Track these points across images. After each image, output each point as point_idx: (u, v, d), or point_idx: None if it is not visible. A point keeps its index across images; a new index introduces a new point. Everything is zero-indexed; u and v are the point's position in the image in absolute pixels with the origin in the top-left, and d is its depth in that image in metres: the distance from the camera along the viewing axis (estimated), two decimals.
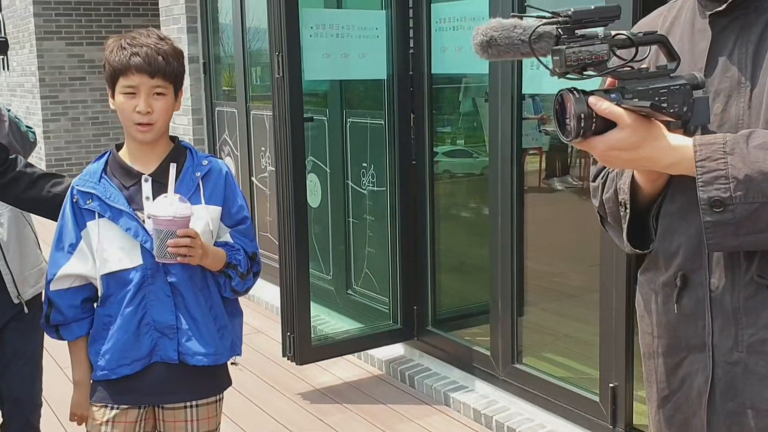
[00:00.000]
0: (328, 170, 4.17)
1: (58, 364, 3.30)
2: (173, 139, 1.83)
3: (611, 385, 2.76)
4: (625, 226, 1.28)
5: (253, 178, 4.97)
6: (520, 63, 3.02)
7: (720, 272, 1.18)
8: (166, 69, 1.71)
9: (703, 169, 1.09)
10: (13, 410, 2.29)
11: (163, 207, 1.67)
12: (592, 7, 1.13)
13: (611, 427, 2.79)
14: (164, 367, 1.78)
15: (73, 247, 1.77)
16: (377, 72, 3.70)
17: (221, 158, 3.02)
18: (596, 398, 2.85)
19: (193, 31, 5.12)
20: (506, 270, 3.14)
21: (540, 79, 2.99)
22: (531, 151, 3.70)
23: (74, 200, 1.76)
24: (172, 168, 1.71)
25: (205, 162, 1.82)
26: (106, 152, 1.84)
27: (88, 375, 1.82)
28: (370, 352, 3.78)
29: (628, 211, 1.26)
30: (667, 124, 1.14)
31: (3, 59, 9.65)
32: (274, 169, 3.82)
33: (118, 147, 1.83)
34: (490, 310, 3.24)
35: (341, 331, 3.91)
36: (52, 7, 8.57)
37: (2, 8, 9.82)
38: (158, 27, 5.38)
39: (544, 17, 1.16)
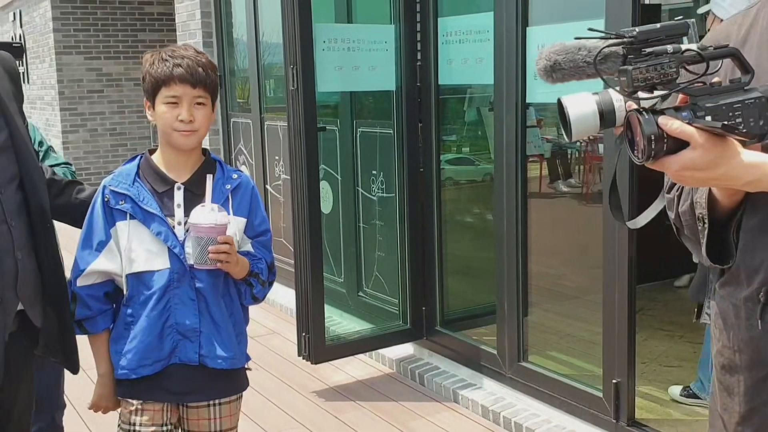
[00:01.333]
0: (339, 178, 4.21)
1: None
2: (204, 152, 1.86)
3: (614, 381, 2.78)
4: (703, 242, 1.20)
5: (268, 186, 5.02)
6: (524, 73, 3.06)
7: None
8: (206, 80, 1.74)
9: None
10: (39, 411, 2.30)
11: (204, 215, 1.68)
12: (658, 25, 1.09)
13: (614, 421, 2.81)
14: (184, 369, 1.79)
15: (102, 245, 1.77)
16: (386, 83, 3.73)
17: (237, 167, 3.08)
18: (600, 394, 2.86)
19: (209, 46, 5.18)
20: (512, 272, 3.17)
21: (543, 88, 3.03)
22: (533, 158, 3.76)
23: (105, 199, 1.76)
24: (209, 179, 1.73)
25: (234, 176, 1.85)
26: (137, 156, 1.85)
27: (111, 368, 1.82)
28: (382, 351, 3.82)
29: (706, 225, 1.18)
30: (743, 141, 1.08)
31: (23, 73, 9.75)
32: (288, 177, 3.87)
33: (151, 152, 1.84)
34: (496, 311, 3.27)
35: (353, 332, 3.94)
36: (70, 22, 8.67)
37: (23, 24, 9.93)
38: (175, 41, 5.48)
39: (608, 38, 1.11)
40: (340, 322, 4.11)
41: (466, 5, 3.53)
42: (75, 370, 1.81)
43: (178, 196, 1.78)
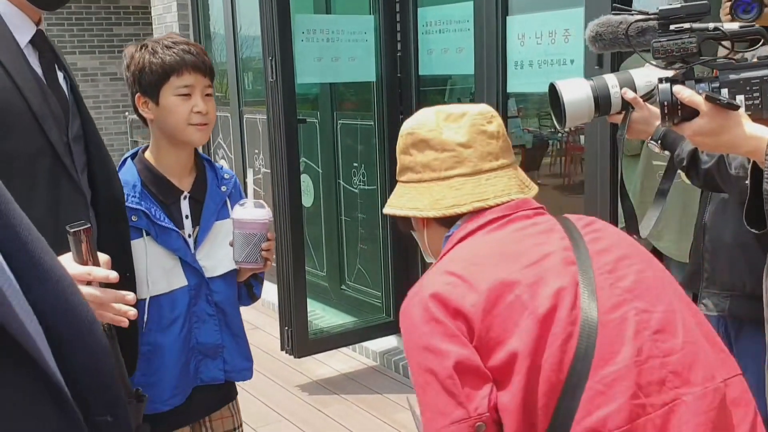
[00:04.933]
0: (320, 170, 4.15)
1: None
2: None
3: None
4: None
5: (248, 180, 4.93)
6: (504, 62, 3.02)
7: None
8: (212, 70, 1.60)
9: None
10: None
11: (255, 211, 1.54)
12: (679, 5, 1.20)
13: None
14: (205, 389, 1.65)
15: None
16: (366, 74, 3.69)
17: (216, 161, 3.01)
18: None
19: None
20: None
21: (524, 78, 3.00)
22: (514, 150, 3.72)
23: None
24: (250, 173, 1.62)
25: (226, 176, 1.71)
26: (127, 158, 1.63)
27: None
28: (365, 344, 3.77)
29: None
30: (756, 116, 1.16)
31: None
32: (268, 170, 3.80)
33: (135, 155, 1.64)
34: None
35: (336, 325, 3.90)
36: (45, 17, 8.49)
37: None
38: (151, 35, 5.33)
39: (635, 14, 1.25)
40: (323, 316, 4.05)
41: None
42: (134, 367, 1.57)
43: (185, 206, 1.61)
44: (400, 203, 1.19)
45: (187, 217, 1.61)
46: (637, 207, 1.71)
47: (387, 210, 1.22)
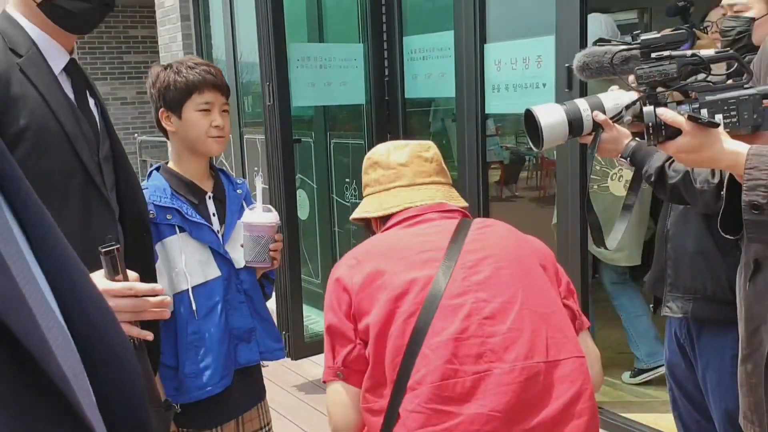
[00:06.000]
0: (315, 186, 4.21)
1: None
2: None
3: None
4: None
5: (257, 187, 4.99)
6: (482, 86, 3.10)
7: None
8: (228, 90, 1.68)
9: (749, 176, 1.11)
10: None
11: (263, 215, 1.61)
12: (659, 35, 1.22)
13: None
14: (238, 375, 1.68)
15: None
16: (357, 98, 3.75)
17: None
18: None
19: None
20: None
21: (501, 100, 3.08)
22: (493, 165, 3.80)
23: (150, 216, 1.58)
24: (259, 181, 1.68)
25: (239, 181, 1.79)
26: (152, 171, 1.72)
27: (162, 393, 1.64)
28: None
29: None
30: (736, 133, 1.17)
31: None
32: (266, 186, 3.87)
33: (159, 168, 1.72)
34: None
35: None
36: None
37: None
38: (158, 62, 5.44)
39: (620, 44, 1.27)
40: (317, 321, 4.09)
41: (428, 24, 3.57)
42: (156, 367, 1.57)
43: (211, 205, 1.70)
44: (360, 210, 1.46)
45: (214, 215, 1.68)
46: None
47: (352, 216, 1.47)
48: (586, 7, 2.62)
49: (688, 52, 1.20)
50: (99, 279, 1.12)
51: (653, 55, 1.20)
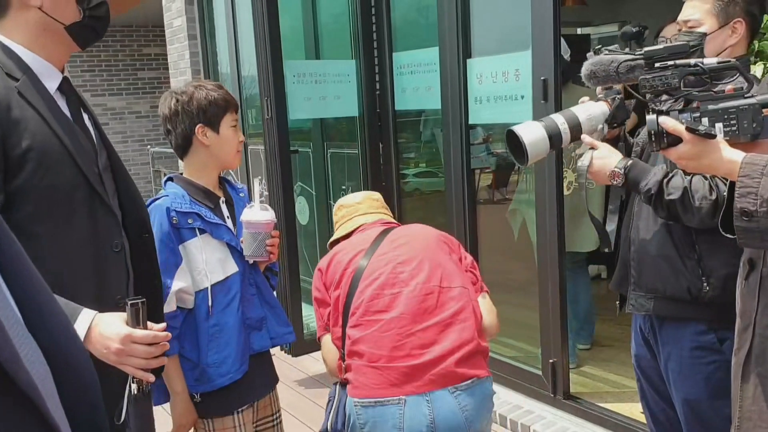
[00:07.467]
0: (314, 193, 4.23)
1: None
2: None
3: (551, 361, 2.82)
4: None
5: (254, 188, 5.01)
6: (466, 98, 3.11)
7: None
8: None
9: (741, 184, 1.10)
10: None
11: (260, 213, 1.66)
12: (662, 46, 1.22)
13: (552, 395, 2.85)
14: (253, 361, 1.73)
15: (176, 266, 1.62)
16: (350, 110, 3.77)
17: None
18: (539, 372, 2.90)
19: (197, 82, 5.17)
20: None
21: (483, 111, 3.09)
22: (485, 171, 3.81)
23: (173, 221, 1.63)
24: (256, 183, 1.72)
25: (240, 186, 1.85)
26: (167, 180, 1.76)
27: (185, 385, 1.67)
28: None
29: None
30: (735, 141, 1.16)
31: None
32: (268, 193, 3.88)
33: (171, 178, 1.76)
34: None
35: None
36: (77, 64, 8.60)
37: None
38: (168, 78, 5.46)
39: (625, 54, 1.27)
40: None
41: (415, 41, 3.58)
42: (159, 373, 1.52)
43: (224, 208, 1.76)
44: (334, 236, 1.95)
45: (228, 217, 1.75)
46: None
47: (329, 242, 1.95)
48: (559, 25, 2.63)
49: (692, 61, 1.18)
50: (120, 322, 1.14)
51: (657, 64, 1.19)
